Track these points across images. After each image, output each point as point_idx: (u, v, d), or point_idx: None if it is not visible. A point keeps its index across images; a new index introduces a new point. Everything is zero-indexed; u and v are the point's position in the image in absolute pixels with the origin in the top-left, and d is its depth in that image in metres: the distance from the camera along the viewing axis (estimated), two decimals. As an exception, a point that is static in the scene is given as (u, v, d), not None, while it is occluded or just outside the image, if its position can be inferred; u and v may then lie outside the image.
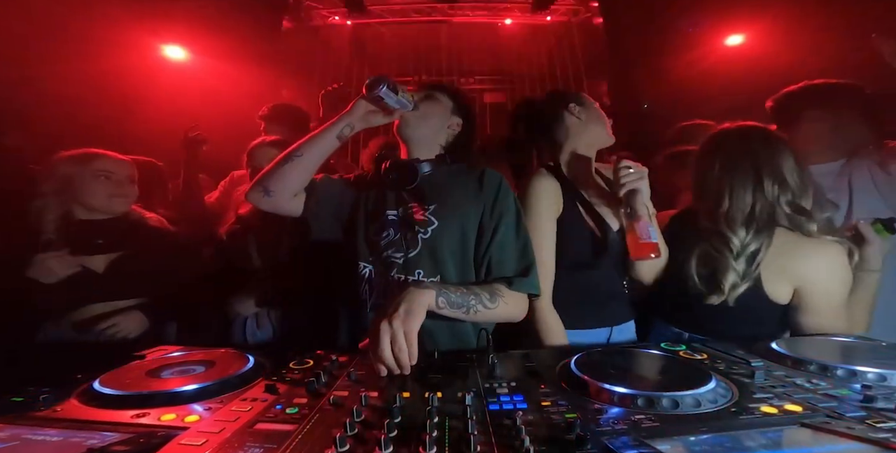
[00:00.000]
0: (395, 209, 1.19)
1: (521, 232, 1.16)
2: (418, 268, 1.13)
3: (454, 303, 0.98)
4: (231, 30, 3.09)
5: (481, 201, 1.16)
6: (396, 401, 0.69)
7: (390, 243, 1.16)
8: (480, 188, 1.18)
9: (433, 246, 1.13)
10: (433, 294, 0.94)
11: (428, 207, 1.16)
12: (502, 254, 1.12)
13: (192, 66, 3.20)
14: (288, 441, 0.59)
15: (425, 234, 1.14)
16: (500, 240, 1.13)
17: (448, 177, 1.23)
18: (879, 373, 0.78)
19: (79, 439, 0.60)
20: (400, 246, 1.15)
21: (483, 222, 1.15)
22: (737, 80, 2.78)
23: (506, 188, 1.19)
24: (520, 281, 1.09)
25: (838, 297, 1.08)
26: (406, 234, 1.15)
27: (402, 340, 0.81)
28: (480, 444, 0.57)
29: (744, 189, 1.11)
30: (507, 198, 1.17)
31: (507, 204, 1.16)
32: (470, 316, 1.01)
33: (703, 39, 3.17)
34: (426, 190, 1.18)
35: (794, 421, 0.63)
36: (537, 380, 0.81)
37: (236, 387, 0.78)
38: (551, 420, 0.65)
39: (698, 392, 0.70)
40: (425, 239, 1.14)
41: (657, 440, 0.58)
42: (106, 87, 2.58)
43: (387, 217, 1.19)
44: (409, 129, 1.21)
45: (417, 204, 1.17)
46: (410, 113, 1.18)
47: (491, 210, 1.15)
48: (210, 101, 2.94)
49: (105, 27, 2.48)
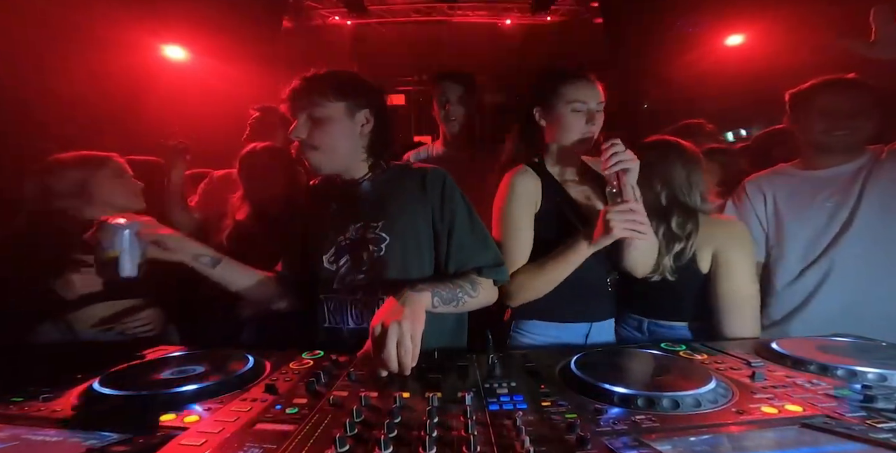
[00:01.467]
0: (346, 232, 1.15)
1: (476, 227, 1.14)
2: (379, 287, 1.09)
3: (446, 299, 1.00)
4: (231, 30, 3.10)
5: (428, 204, 1.12)
6: (396, 401, 0.69)
7: (350, 268, 1.13)
8: (424, 191, 1.13)
9: (392, 261, 1.10)
10: (429, 295, 0.95)
11: (377, 224, 1.12)
12: (463, 253, 1.11)
13: (192, 66, 3.20)
14: (288, 441, 0.59)
15: (380, 251, 1.10)
16: (457, 241, 1.11)
17: (388, 185, 1.17)
18: (880, 373, 0.78)
19: (78, 439, 0.60)
20: (359, 268, 1.12)
21: (436, 226, 1.12)
22: (737, 80, 2.79)
23: (450, 185, 1.14)
24: (490, 270, 1.11)
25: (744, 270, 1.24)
26: (361, 255, 1.12)
27: (409, 342, 0.81)
28: (480, 444, 0.57)
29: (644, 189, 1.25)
30: (454, 196, 1.14)
31: (455, 202, 1.13)
32: (458, 307, 1.03)
33: (703, 39, 3.17)
34: (370, 206, 1.14)
35: (795, 421, 0.63)
36: (537, 380, 0.81)
37: (236, 387, 0.78)
38: (551, 420, 0.65)
39: (698, 392, 0.70)
40: (381, 256, 1.10)
41: (657, 440, 0.58)
42: (106, 87, 2.58)
43: (339, 243, 1.14)
44: (323, 171, 1.14)
45: (367, 222, 1.13)
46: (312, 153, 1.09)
47: (441, 212, 1.12)
48: (210, 101, 2.94)
49: (105, 27, 2.48)
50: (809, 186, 1.46)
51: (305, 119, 1.08)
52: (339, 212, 1.17)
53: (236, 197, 1.77)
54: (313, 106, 1.07)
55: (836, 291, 1.37)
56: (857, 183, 1.39)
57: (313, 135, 1.08)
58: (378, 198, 1.15)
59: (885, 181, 1.36)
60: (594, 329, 1.32)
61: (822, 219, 1.41)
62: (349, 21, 4.62)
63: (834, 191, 1.42)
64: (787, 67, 1.49)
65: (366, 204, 1.15)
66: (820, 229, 1.41)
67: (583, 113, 1.24)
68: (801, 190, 1.47)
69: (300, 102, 1.08)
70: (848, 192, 1.40)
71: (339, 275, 1.14)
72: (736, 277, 1.24)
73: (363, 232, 1.13)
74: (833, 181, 1.43)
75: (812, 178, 1.47)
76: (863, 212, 1.36)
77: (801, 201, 1.45)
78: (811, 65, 1.99)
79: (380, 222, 1.12)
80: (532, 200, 1.27)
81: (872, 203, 1.36)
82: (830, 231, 1.40)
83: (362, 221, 1.14)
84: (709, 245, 1.26)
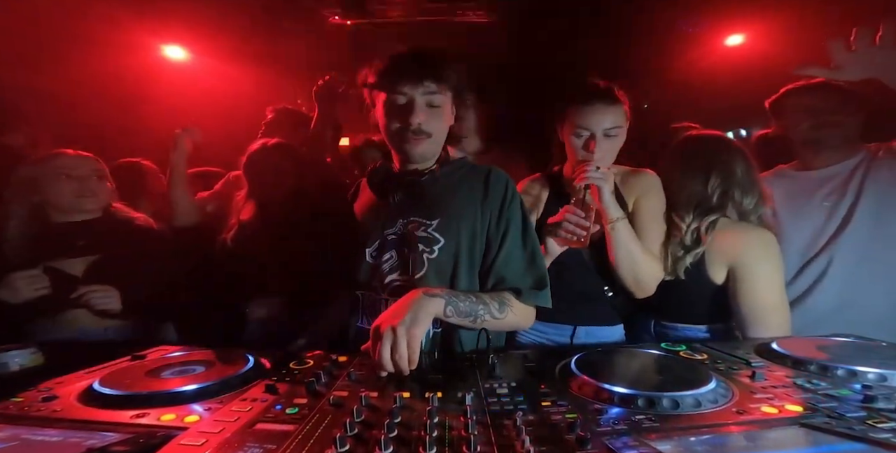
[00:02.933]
0: (392, 227, 1.09)
1: (528, 240, 1.07)
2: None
3: (462, 311, 0.94)
4: (231, 30, 3.09)
5: (487, 209, 1.07)
6: (396, 401, 0.69)
7: (394, 267, 1.06)
8: (486, 193, 1.08)
9: (442, 266, 1.04)
10: (442, 303, 0.90)
11: (431, 223, 1.06)
12: (508, 267, 1.04)
13: (192, 66, 3.19)
14: (288, 441, 0.59)
15: (431, 254, 1.04)
16: (507, 252, 1.05)
17: (449, 181, 1.11)
18: (880, 373, 0.78)
19: (78, 439, 0.60)
20: (405, 269, 1.05)
21: (490, 232, 1.06)
22: (737, 80, 2.78)
23: (513, 191, 1.10)
24: (530, 293, 1.02)
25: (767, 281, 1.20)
26: (410, 255, 1.04)
27: (404, 348, 0.79)
28: (480, 444, 0.57)
29: (693, 181, 1.31)
30: (514, 202, 1.09)
31: (514, 209, 1.08)
32: (476, 324, 0.96)
33: (703, 39, 3.16)
34: (427, 202, 1.08)
35: (795, 421, 0.63)
36: (537, 380, 0.81)
37: (236, 387, 0.78)
38: (551, 420, 0.65)
39: (699, 392, 0.70)
40: (432, 258, 1.04)
41: (657, 440, 0.58)
42: (106, 87, 2.58)
43: (386, 237, 1.08)
44: (424, 159, 1.09)
45: (419, 219, 1.07)
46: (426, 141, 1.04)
47: (497, 218, 1.06)
48: (210, 101, 2.94)
49: (105, 27, 2.48)
50: (807, 186, 1.48)
51: (424, 104, 1.02)
52: (392, 204, 1.10)
53: (241, 195, 1.75)
54: (435, 92, 1.02)
55: (833, 288, 1.38)
56: (854, 181, 1.41)
57: (430, 121, 1.03)
58: (436, 193, 1.08)
59: (882, 179, 1.37)
60: (581, 331, 1.34)
61: (821, 218, 1.43)
62: (349, 21, 4.62)
63: (831, 189, 1.44)
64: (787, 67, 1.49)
65: (422, 198, 1.08)
66: (819, 228, 1.42)
67: (583, 138, 1.24)
68: (798, 190, 1.49)
69: (423, 84, 1.01)
70: (845, 191, 1.41)
71: (379, 271, 1.08)
72: (759, 288, 1.19)
73: (413, 229, 1.06)
74: (829, 180, 1.45)
75: (809, 178, 1.49)
76: (860, 209, 1.38)
77: (798, 201, 1.47)
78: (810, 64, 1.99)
79: (434, 220, 1.06)
80: (534, 207, 1.33)
81: (869, 201, 1.37)
82: (829, 229, 1.41)
83: (413, 217, 1.07)
84: (723, 255, 1.23)
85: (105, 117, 2.53)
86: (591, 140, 1.22)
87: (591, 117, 1.21)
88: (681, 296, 1.29)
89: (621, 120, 1.23)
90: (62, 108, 2.35)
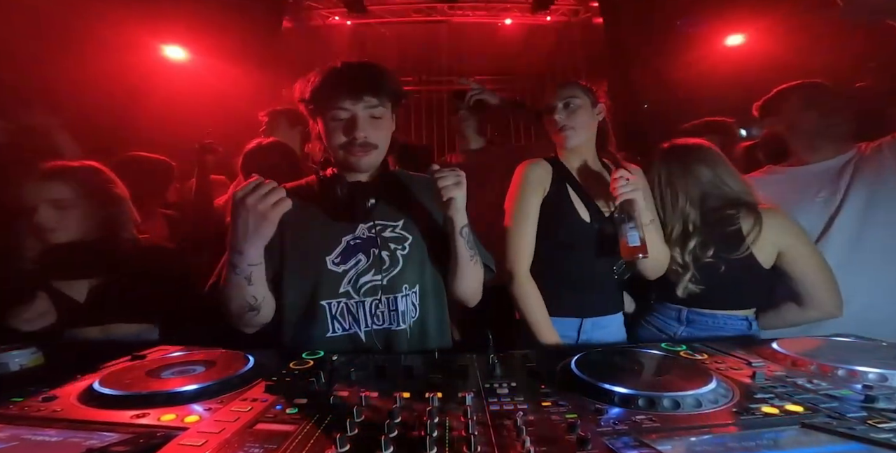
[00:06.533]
0: (353, 232, 1.11)
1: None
2: (404, 283, 1.11)
3: (470, 242, 1.07)
4: (231, 30, 3.09)
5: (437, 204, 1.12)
6: (396, 401, 0.69)
7: (364, 269, 1.09)
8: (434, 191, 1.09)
9: (413, 260, 1.12)
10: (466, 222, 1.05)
11: (397, 223, 1.14)
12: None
13: (192, 66, 3.19)
14: (288, 441, 0.59)
15: (404, 250, 1.12)
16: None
17: (397, 186, 1.18)
18: (880, 373, 0.78)
19: (78, 439, 0.60)
20: (378, 269, 1.09)
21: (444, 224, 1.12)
22: (737, 80, 2.78)
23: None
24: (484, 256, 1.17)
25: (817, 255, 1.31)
26: (380, 255, 1.09)
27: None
28: (480, 444, 0.57)
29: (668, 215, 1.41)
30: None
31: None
32: (470, 263, 1.09)
33: (703, 39, 3.17)
34: (387, 206, 1.13)
35: (795, 421, 0.63)
36: (537, 380, 0.81)
37: (236, 387, 0.78)
38: (551, 420, 0.65)
39: (699, 392, 0.70)
40: (405, 254, 1.11)
41: (657, 440, 0.58)
42: (106, 88, 2.58)
43: (347, 243, 1.10)
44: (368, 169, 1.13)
45: (384, 222, 1.13)
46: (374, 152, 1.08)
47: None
48: (210, 101, 2.94)
49: (105, 27, 2.48)
50: (802, 181, 1.53)
51: (367, 117, 1.06)
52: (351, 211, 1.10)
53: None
54: (376, 106, 1.06)
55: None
56: (845, 177, 1.47)
57: (373, 133, 1.07)
58: (391, 198, 1.15)
59: (869, 175, 1.43)
60: (588, 324, 1.35)
61: (816, 213, 1.47)
62: (349, 21, 4.62)
63: (823, 184, 1.50)
64: (787, 67, 1.50)
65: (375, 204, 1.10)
66: (813, 223, 1.46)
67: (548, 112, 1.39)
68: (793, 185, 1.53)
69: (365, 99, 1.04)
70: (837, 185, 1.47)
71: (347, 276, 1.09)
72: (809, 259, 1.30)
73: (380, 231, 1.12)
74: (822, 175, 1.51)
75: (804, 173, 1.55)
76: (849, 204, 1.43)
77: (792, 197, 1.50)
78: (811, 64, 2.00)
79: (399, 221, 1.14)
80: (540, 186, 1.38)
81: (859, 195, 1.43)
82: (822, 223, 1.46)
83: (378, 221, 1.12)
84: (768, 239, 1.30)
85: (104, 117, 2.53)
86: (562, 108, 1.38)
87: (551, 92, 1.42)
88: (725, 283, 1.32)
89: (578, 93, 1.39)
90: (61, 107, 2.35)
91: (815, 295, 1.29)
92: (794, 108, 1.56)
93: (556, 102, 1.39)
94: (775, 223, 1.30)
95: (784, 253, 1.31)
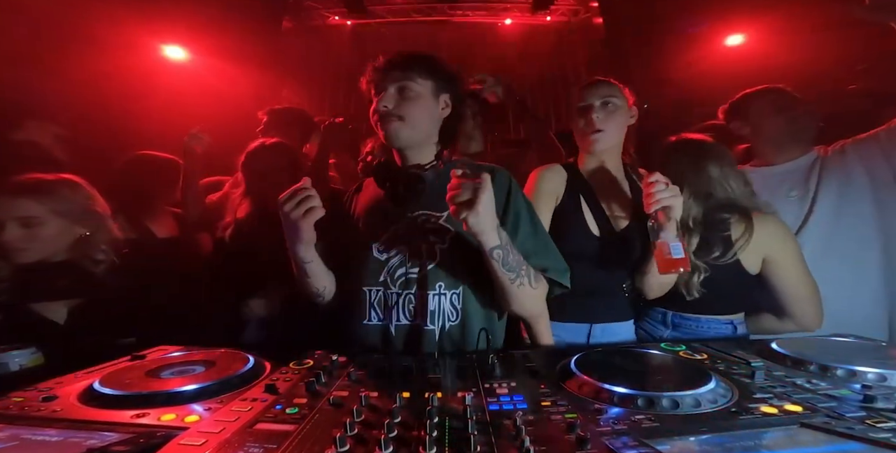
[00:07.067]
0: (399, 221, 1.11)
1: (538, 231, 1.11)
2: (438, 281, 1.06)
3: (507, 263, 0.96)
4: (231, 30, 3.09)
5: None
6: (396, 401, 0.69)
7: (403, 260, 1.08)
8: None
9: (453, 256, 1.06)
10: (498, 241, 0.94)
11: (440, 214, 1.09)
12: (526, 254, 1.05)
13: (192, 66, 3.19)
14: (288, 441, 0.59)
15: (443, 244, 1.07)
16: (520, 243, 1.06)
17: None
18: (879, 373, 0.78)
19: (79, 439, 0.60)
20: (415, 261, 1.07)
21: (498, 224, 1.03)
22: (737, 80, 2.78)
23: (516, 187, 1.13)
24: (555, 272, 1.08)
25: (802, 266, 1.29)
26: (421, 246, 1.07)
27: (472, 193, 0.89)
28: (480, 444, 0.57)
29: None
30: (519, 194, 1.12)
31: (520, 201, 1.12)
32: (512, 286, 0.99)
33: (703, 39, 3.16)
34: (434, 196, 1.08)
35: (794, 421, 0.63)
36: (537, 380, 0.81)
37: (236, 387, 0.78)
38: (551, 420, 0.65)
39: (698, 392, 0.70)
40: (444, 249, 1.07)
41: (657, 440, 0.58)
42: (106, 88, 2.58)
43: (393, 232, 1.10)
44: (399, 142, 1.11)
45: (428, 212, 1.10)
46: (397, 123, 1.08)
47: (504, 210, 1.09)
48: (210, 101, 2.94)
49: (105, 27, 2.48)
50: (771, 181, 1.57)
51: (395, 91, 1.09)
52: (397, 199, 1.11)
53: (237, 193, 1.76)
54: (405, 79, 1.09)
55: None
56: (813, 176, 1.52)
57: (400, 106, 1.09)
58: (442, 188, 1.09)
59: (835, 176, 1.49)
60: (597, 330, 1.33)
61: (790, 212, 1.51)
62: (349, 21, 4.62)
63: (794, 184, 1.55)
64: (787, 67, 1.50)
65: (427, 192, 1.09)
66: (789, 220, 1.47)
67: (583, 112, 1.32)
68: (763, 185, 1.53)
69: (392, 75, 1.10)
70: (806, 185, 1.52)
71: (388, 266, 1.09)
72: (792, 271, 1.29)
73: (423, 222, 1.09)
74: (790, 175, 1.56)
75: (771, 173, 1.59)
76: (820, 204, 1.49)
77: (765, 196, 1.49)
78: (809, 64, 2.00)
79: (444, 213, 1.09)
80: (553, 193, 1.35)
81: (829, 195, 1.48)
82: (798, 220, 1.51)
83: (422, 211, 1.10)
84: (756, 247, 1.28)
85: (104, 117, 2.53)
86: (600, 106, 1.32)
87: (589, 88, 1.37)
88: (709, 288, 1.30)
89: (617, 92, 1.34)
90: (61, 108, 2.35)
91: (794, 309, 1.29)
92: (762, 112, 1.60)
93: (593, 101, 1.31)
94: (765, 230, 1.28)
95: (768, 261, 1.29)
